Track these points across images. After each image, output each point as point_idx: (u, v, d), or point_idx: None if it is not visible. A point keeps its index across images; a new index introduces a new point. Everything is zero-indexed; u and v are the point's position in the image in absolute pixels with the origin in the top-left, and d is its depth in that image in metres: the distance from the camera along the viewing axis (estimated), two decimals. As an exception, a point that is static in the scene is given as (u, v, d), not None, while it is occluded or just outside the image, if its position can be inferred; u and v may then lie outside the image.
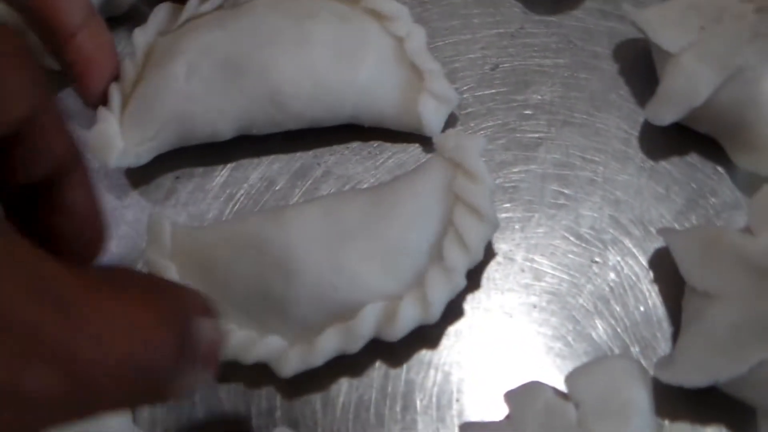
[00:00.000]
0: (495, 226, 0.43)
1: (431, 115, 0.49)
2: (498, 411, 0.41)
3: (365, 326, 0.40)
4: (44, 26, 0.45)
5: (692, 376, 0.40)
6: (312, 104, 0.48)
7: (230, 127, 0.49)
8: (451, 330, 0.44)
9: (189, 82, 0.48)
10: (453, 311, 0.44)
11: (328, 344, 0.41)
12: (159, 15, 0.52)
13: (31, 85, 0.26)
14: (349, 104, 0.48)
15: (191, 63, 0.48)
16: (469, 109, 0.51)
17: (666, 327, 0.44)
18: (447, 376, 0.43)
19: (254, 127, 0.49)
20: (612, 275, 0.45)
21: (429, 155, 0.49)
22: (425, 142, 0.50)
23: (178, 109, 0.48)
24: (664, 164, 0.49)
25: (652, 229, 0.46)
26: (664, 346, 0.43)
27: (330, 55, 0.48)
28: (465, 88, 0.52)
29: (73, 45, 0.45)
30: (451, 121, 0.50)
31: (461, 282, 0.42)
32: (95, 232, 0.31)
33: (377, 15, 0.50)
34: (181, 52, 0.49)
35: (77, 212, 0.30)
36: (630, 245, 0.46)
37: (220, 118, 0.48)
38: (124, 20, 0.56)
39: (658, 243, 0.46)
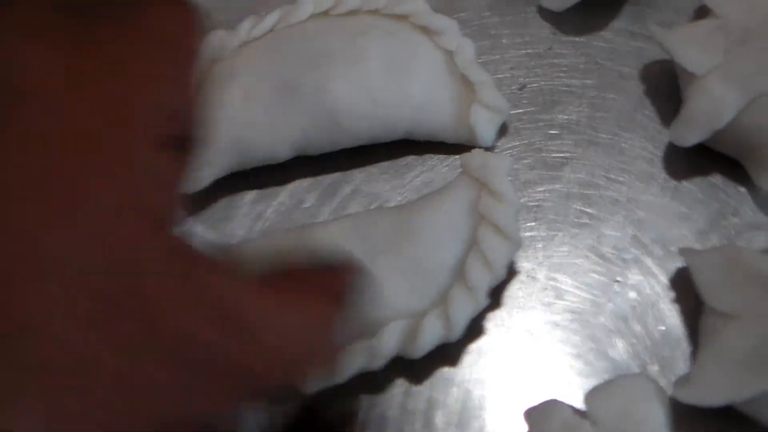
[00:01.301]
0: (518, 245, 0.44)
1: (484, 126, 0.49)
2: (519, 429, 0.41)
3: (388, 344, 0.41)
4: None
5: (709, 395, 0.40)
6: (369, 122, 0.49)
7: (288, 149, 0.49)
8: (473, 348, 0.45)
9: (246, 106, 0.48)
10: (475, 329, 0.44)
11: (352, 361, 0.41)
12: (211, 41, 0.51)
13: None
14: (404, 119, 0.49)
15: (247, 87, 0.49)
16: (496, 129, 0.52)
17: (685, 346, 0.44)
18: (468, 393, 0.44)
19: (311, 148, 0.49)
20: (633, 294, 0.46)
21: (456, 174, 0.49)
22: (454, 161, 0.50)
23: (237, 135, 0.48)
24: (687, 184, 0.49)
25: (674, 249, 0.47)
26: (683, 366, 0.44)
27: (384, 71, 0.49)
28: (492, 107, 0.52)
29: None
30: (503, 131, 0.51)
31: (484, 300, 0.42)
32: None
33: (426, 30, 0.51)
34: (235, 77, 0.49)
35: None
36: (651, 265, 0.47)
37: (279, 141, 0.48)
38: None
39: (679, 263, 0.46)
